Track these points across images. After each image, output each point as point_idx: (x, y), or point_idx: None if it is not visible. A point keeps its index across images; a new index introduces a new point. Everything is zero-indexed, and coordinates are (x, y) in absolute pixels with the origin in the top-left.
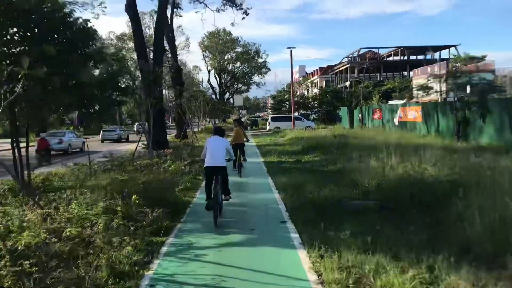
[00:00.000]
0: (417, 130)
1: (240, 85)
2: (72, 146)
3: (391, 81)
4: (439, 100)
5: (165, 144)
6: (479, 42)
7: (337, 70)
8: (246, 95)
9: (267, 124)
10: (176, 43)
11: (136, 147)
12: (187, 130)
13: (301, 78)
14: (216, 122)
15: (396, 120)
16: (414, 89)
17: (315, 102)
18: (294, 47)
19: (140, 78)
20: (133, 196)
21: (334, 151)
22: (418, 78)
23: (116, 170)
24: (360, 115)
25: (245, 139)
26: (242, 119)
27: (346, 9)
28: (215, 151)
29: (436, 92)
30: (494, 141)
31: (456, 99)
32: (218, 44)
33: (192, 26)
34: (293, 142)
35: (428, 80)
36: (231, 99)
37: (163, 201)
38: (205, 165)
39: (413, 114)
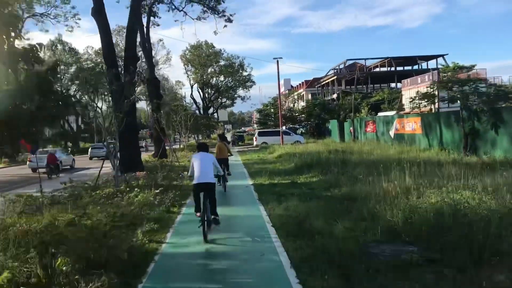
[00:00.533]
0: (417, 143)
1: (224, 100)
2: (62, 163)
3: (380, 92)
4: (433, 111)
5: (138, 166)
6: (460, 54)
7: (324, 82)
8: (231, 110)
9: (254, 139)
10: (157, 57)
11: (100, 171)
12: (167, 148)
13: (286, 92)
14: (200, 138)
15: (392, 133)
16: (417, 97)
17: (303, 116)
18: (281, 57)
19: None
20: (60, 260)
21: (334, 170)
22: (408, 88)
23: (70, 203)
24: (351, 128)
25: (228, 154)
26: (227, 135)
27: (328, 23)
28: (203, 167)
29: (443, 100)
30: (510, 154)
31: (462, 108)
32: (201, 57)
33: (173, 41)
34: (284, 159)
35: (431, 87)
36: (215, 114)
37: (114, 257)
38: (194, 182)
39: (412, 125)
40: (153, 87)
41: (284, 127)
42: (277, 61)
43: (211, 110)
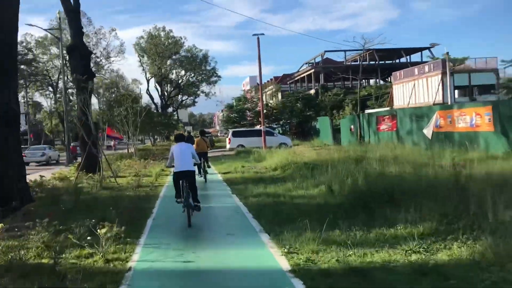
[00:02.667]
0: (483, 145)
1: (185, 97)
2: (51, 158)
3: (367, 87)
4: (434, 103)
5: (17, 194)
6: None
7: (297, 77)
8: (191, 111)
9: (227, 141)
10: (109, 48)
11: None
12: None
13: (252, 90)
14: (157, 139)
15: (428, 131)
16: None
17: (286, 112)
18: (263, 34)
19: None
20: None
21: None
22: (400, 82)
23: None
24: (352, 126)
25: (208, 148)
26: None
27: (288, 26)
28: (182, 156)
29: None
30: None
31: None
32: (158, 46)
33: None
34: (292, 174)
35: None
36: (175, 114)
37: None
38: (174, 170)
39: (472, 119)
40: (79, 58)
41: (259, 126)
42: (258, 38)
43: (170, 110)
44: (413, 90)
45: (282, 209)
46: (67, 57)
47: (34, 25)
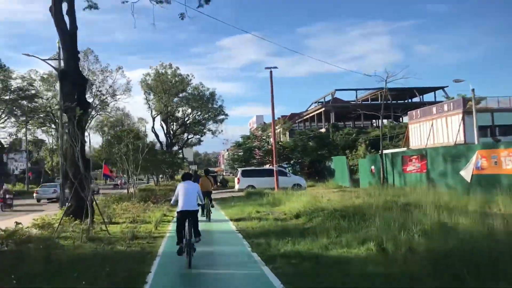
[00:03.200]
0: None
1: (191, 136)
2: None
3: (385, 126)
4: (455, 143)
5: None
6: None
7: (306, 116)
8: (196, 150)
9: (236, 181)
10: (115, 86)
11: None
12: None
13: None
14: (161, 178)
15: (467, 173)
16: None
17: (297, 151)
18: (276, 67)
19: None
20: None
21: None
22: (417, 121)
23: None
24: (373, 167)
25: (212, 188)
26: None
27: (294, 69)
28: (187, 195)
29: None
30: None
31: None
32: (164, 83)
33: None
34: (323, 224)
35: None
36: (180, 152)
37: None
38: (178, 209)
39: None
40: (71, 84)
41: (269, 166)
42: (270, 71)
43: (175, 148)
44: (431, 130)
45: (328, 281)
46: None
47: (32, 55)
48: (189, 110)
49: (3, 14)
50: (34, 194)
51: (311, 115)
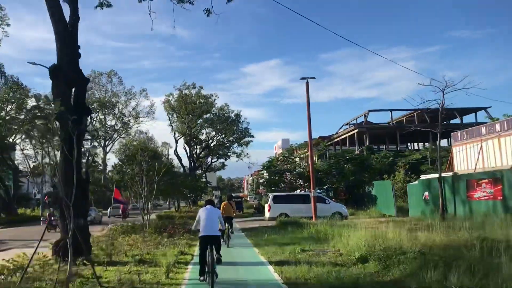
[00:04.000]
0: None
1: (215, 160)
2: (95, 218)
3: (423, 149)
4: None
5: None
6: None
7: (337, 139)
8: (219, 175)
9: (266, 208)
10: (139, 108)
11: None
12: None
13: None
14: (183, 204)
15: None
16: None
17: (333, 175)
18: (314, 77)
19: None
20: None
21: None
22: (463, 143)
23: None
24: (426, 193)
25: (234, 214)
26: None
27: (315, 94)
28: (209, 221)
29: None
30: None
31: None
32: (188, 104)
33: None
34: (414, 274)
35: None
36: (203, 176)
37: None
38: (201, 235)
39: None
40: (65, 84)
41: (300, 191)
42: (307, 82)
43: (198, 172)
44: (481, 152)
45: None
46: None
47: (38, 63)
48: (213, 133)
49: (36, 42)
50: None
51: (342, 137)
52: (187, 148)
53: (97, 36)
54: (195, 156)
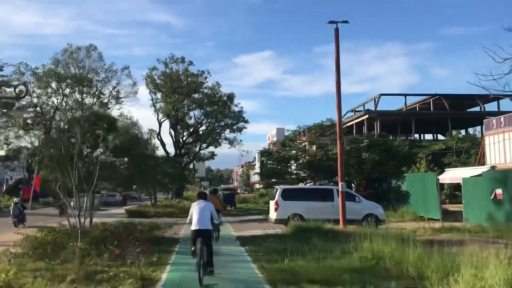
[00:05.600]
0: None
1: (204, 147)
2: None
3: (448, 139)
4: None
5: None
6: None
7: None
8: (208, 166)
9: (272, 207)
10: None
11: None
12: None
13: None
14: (170, 197)
15: None
16: None
17: (351, 164)
18: (347, 21)
19: None
20: None
21: None
22: (498, 131)
23: None
24: (498, 190)
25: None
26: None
27: (307, 88)
28: (201, 214)
29: None
30: None
31: None
32: (175, 81)
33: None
34: None
35: None
36: (191, 164)
37: None
38: (192, 228)
39: None
40: None
41: (309, 183)
42: (336, 27)
43: (185, 160)
44: None
45: None
46: None
47: None
48: (203, 116)
49: (26, 28)
50: None
51: (348, 124)
52: (173, 133)
53: (88, 22)
54: (181, 141)
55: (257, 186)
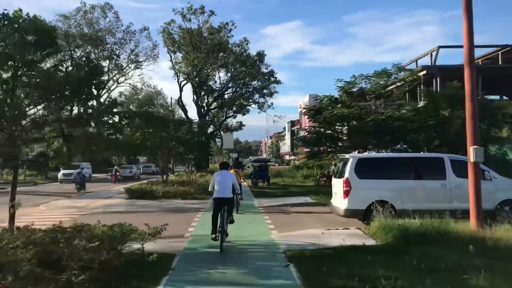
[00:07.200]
0: None
1: (230, 114)
2: (135, 174)
3: None
4: None
5: None
6: None
7: (391, 86)
8: (236, 138)
9: (340, 190)
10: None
11: None
12: None
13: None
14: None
15: None
16: None
17: (429, 125)
18: None
19: None
20: None
21: None
22: None
23: None
24: None
25: (242, 180)
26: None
27: (336, 58)
28: (222, 184)
29: None
30: None
31: None
32: (194, 36)
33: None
34: None
35: None
36: (217, 134)
37: None
38: (214, 196)
39: None
40: None
41: (359, 152)
42: None
43: (211, 129)
44: None
45: None
46: None
47: None
48: (228, 76)
49: None
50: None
51: (399, 84)
52: (195, 98)
53: None
54: (205, 107)
55: (287, 157)
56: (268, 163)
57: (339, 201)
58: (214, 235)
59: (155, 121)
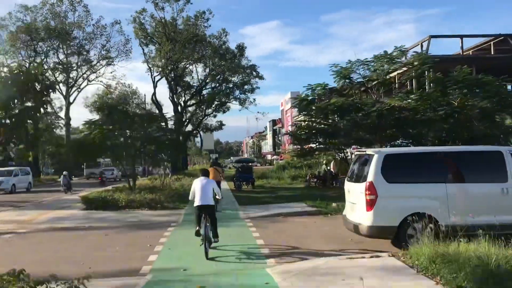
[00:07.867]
0: None
1: (209, 112)
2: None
3: None
4: None
5: None
6: None
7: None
8: (217, 138)
9: (362, 196)
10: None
11: None
12: None
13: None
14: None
15: None
16: None
17: (441, 116)
18: None
19: None
20: None
21: None
22: None
23: None
24: None
25: (222, 177)
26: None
27: (315, 57)
28: (203, 191)
29: None
30: None
31: None
32: (167, 26)
33: None
34: None
35: None
36: (195, 133)
37: None
38: (195, 204)
39: None
40: None
41: (351, 149)
42: None
43: (188, 128)
44: None
45: None
46: None
47: None
48: (206, 71)
49: None
50: None
51: (392, 74)
52: (170, 93)
53: None
54: (181, 105)
55: (270, 157)
56: (252, 164)
57: (359, 214)
58: (198, 228)
59: (119, 115)
